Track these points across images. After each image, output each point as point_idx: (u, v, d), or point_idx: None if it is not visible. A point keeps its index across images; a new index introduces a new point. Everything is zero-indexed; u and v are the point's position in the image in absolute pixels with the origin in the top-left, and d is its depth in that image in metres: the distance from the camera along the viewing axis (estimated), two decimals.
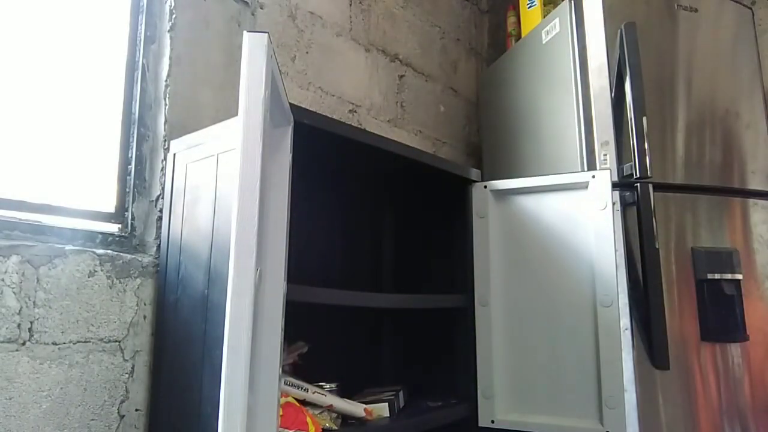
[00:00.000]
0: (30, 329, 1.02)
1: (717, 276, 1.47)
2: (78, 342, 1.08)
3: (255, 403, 0.84)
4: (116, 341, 1.13)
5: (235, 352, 0.69)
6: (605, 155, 1.50)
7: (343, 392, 1.26)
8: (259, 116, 0.75)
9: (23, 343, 1.01)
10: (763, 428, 1.45)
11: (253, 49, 0.77)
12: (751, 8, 1.78)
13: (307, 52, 1.63)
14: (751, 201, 1.59)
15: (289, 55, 1.58)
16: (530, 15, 1.95)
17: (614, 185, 1.42)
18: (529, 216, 1.43)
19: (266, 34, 0.77)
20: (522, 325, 1.39)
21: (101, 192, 1.24)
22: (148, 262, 1.19)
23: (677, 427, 1.38)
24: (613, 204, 1.32)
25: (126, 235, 1.22)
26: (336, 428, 1.13)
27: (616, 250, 1.30)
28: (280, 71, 0.91)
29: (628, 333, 1.38)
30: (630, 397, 1.31)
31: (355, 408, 1.17)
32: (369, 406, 1.19)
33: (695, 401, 1.41)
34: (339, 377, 1.29)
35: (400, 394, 1.37)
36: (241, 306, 0.70)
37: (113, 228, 1.22)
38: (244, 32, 0.78)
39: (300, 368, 1.24)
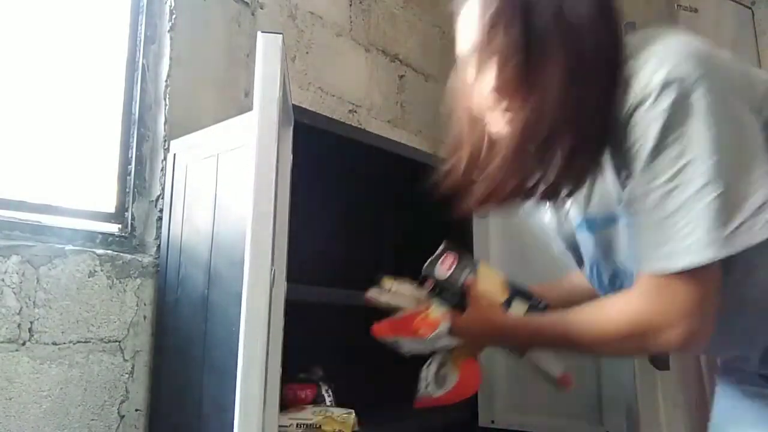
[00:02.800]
0: (30, 329, 1.02)
1: None
2: (78, 342, 1.08)
3: None
4: (116, 341, 1.13)
5: (251, 351, 0.69)
6: None
7: (342, 392, 1.26)
8: (274, 116, 0.75)
9: (23, 343, 1.01)
10: None
11: (268, 49, 0.77)
12: (751, 8, 1.78)
13: (307, 52, 1.63)
14: None
15: (289, 55, 1.58)
16: None
17: None
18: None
19: (281, 35, 0.77)
20: None
21: (101, 192, 1.24)
22: (148, 263, 1.19)
23: (677, 427, 1.38)
24: None
25: (126, 235, 1.22)
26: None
27: None
28: None
29: None
30: (630, 397, 1.31)
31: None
32: None
33: (695, 401, 1.41)
34: (339, 377, 1.29)
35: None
36: (258, 305, 0.70)
37: (113, 228, 1.22)
38: (259, 33, 0.78)
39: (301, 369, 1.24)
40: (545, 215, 0.83)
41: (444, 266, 0.88)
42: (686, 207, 0.57)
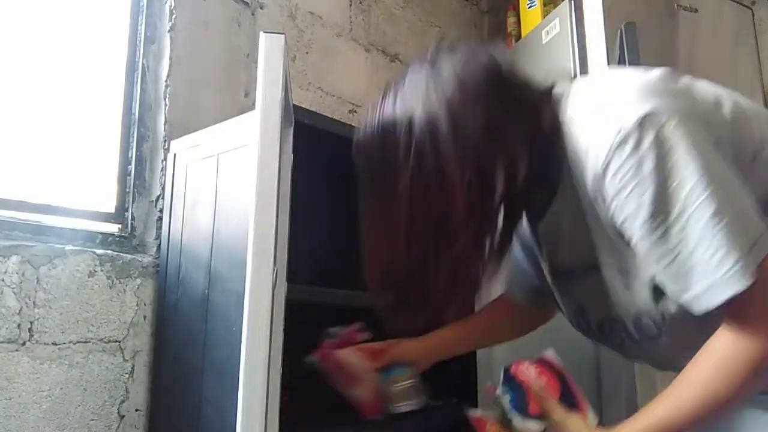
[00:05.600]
0: (30, 329, 1.02)
1: None
2: (78, 342, 1.08)
3: None
4: (116, 341, 1.13)
5: (254, 352, 0.68)
6: None
7: None
8: (276, 116, 0.75)
9: (23, 343, 1.01)
10: None
11: (271, 49, 0.76)
12: (751, 8, 1.78)
13: (307, 53, 1.63)
14: None
15: (289, 55, 1.58)
16: (530, 15, 1.95)
17: None
18: None
19: (283, 36, 0.77)
20: None
21: (101, 192, 1.24)
22: (148, 263, 1.19)
23: None
24: None
25: (126, 235, 1.22)
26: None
27: None
28: None
29: None
30: (630, 397, 1.31)
31: None
32: None
33: None
34: None
35: None
36: (260, 306, 0.70)
37: (113, 228, 1.22)
38: (261, 33, 0.77)
39: None
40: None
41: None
42: (705, 238, 0.56)
